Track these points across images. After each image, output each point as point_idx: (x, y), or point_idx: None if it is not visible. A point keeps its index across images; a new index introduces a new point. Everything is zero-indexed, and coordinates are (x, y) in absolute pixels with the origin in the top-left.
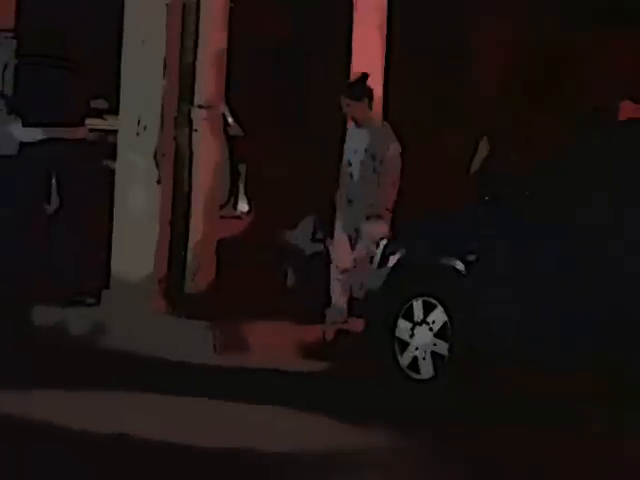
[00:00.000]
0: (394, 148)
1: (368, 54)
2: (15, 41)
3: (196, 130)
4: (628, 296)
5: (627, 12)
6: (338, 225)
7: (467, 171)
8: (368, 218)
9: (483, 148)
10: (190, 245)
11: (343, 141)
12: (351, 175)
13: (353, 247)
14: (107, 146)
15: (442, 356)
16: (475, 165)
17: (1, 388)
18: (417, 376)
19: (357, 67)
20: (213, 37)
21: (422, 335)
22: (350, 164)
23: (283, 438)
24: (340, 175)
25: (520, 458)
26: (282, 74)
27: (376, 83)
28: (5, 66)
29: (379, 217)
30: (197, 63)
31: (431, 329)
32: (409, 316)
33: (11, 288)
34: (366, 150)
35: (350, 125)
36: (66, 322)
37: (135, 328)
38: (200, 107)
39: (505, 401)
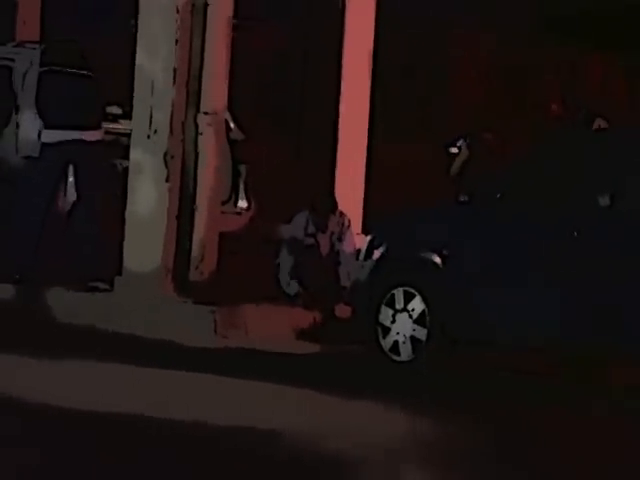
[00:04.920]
0: None
1: (357, 65)
2: (39, 51)
3: (201, 134)
4: (595, 283)
5: (594, 29)
6: None
7: (447, 173)
8: None
9: (463, 153)
10: (195, 237)
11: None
12: None
13: None
14: (121, 147)
15: (420, 340)
16: (455, 168)
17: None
18: (397, 358)
19: (347, 76)
20: (218, 51)
21: (403, 321)
22: None
23: (275, 412)
24: None
25: (487, 431)
26: (279, 84)
27: (364, 91)
28: (25, 74)
29: None
30: (203, 74)
31: (411, 316)
32: (391, 304)
33: (33, 273)
34: None
35: None
36: (81, 305)
37: (144, 312)
38: (205, 113)
39: (475, 380)
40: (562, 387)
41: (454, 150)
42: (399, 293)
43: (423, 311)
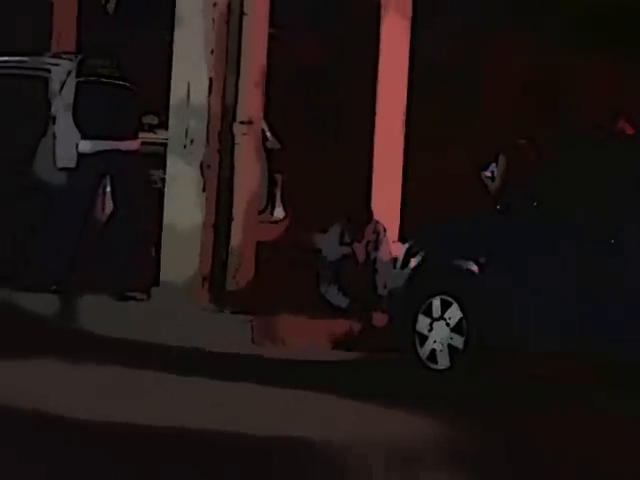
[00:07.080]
0: None
1: (392, 73)
2: (75, 62)
3: (238, 143)
4: (633, 290)
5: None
6: None
7: (487, 191)
8: None
9: (501, 164)
10: (231, 247)
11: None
12: None
13: None
14: (157, 157)
15: (457, 349)
16: (496, 184)
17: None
18: (435, 366)
19: (383, 86)
20: (254, 60)
21: (440, 330)
22: None
23: (312, 421)
24: None
25: (525, 440)
26: (315, 93)
27: (400, 99)
28: (61, 85)
29: None
30: (239, 83)
31: (448, 324)
32: (428, 312)
33: (70, 284)
34: None
35: None
36: (118, 316)
37: (181, 322)
38: (241, 123)
39: (513, 388)
40: (597, 394)
41: (487, 175)
42: (436, 301)
43: (460, 319)
